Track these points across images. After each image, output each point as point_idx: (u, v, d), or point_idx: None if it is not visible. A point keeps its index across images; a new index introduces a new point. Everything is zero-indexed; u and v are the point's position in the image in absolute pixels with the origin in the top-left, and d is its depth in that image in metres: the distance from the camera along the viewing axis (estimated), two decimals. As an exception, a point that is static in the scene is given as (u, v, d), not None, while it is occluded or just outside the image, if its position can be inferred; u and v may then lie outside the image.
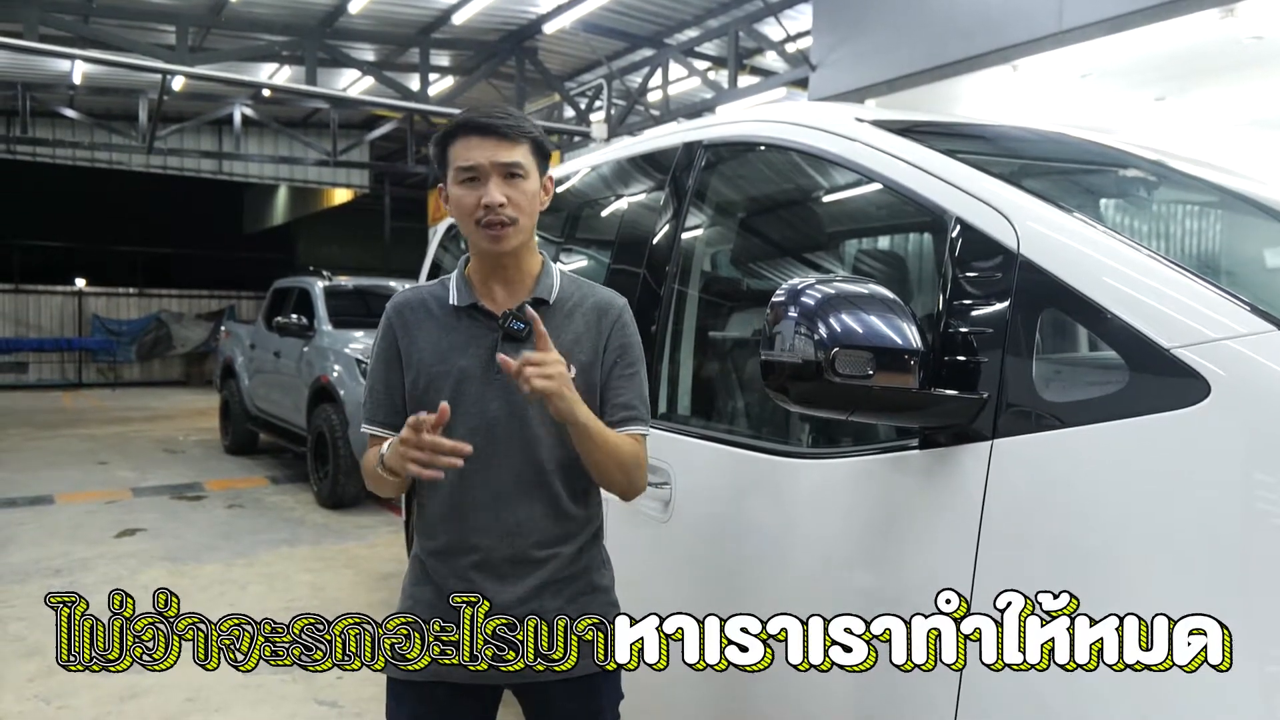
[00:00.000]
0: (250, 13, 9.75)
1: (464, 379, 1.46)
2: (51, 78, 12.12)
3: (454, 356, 1.48)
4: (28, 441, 9.35)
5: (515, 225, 1.44)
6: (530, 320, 1.39)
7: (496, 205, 1.41)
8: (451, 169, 1.45)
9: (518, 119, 1.46)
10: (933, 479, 1.34)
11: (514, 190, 1.43)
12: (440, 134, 1.48)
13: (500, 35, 10.46)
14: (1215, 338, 1.08)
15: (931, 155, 1.54)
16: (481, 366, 1.46)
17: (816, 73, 7.56)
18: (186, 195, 18.90)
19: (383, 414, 1.53)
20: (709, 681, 1.83)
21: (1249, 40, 5.55)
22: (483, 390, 1.46)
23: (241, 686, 3.33)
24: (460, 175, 1.44)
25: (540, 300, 1.49)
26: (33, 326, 16.31)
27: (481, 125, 1.43)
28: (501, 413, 1.45)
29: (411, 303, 1.55)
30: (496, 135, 1.42)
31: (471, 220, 1.44)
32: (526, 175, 1.45)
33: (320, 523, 5.99)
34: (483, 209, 1.42)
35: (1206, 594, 1.03)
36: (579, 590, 1.51)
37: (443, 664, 1.45)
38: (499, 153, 1.42)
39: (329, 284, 7.65)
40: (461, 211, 1.45)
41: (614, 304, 1.55)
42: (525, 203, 1.45)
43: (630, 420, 1.50)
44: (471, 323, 1.49)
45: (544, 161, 1.50)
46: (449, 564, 1.48)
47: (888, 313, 1.27)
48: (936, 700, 1.29)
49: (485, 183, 1.42)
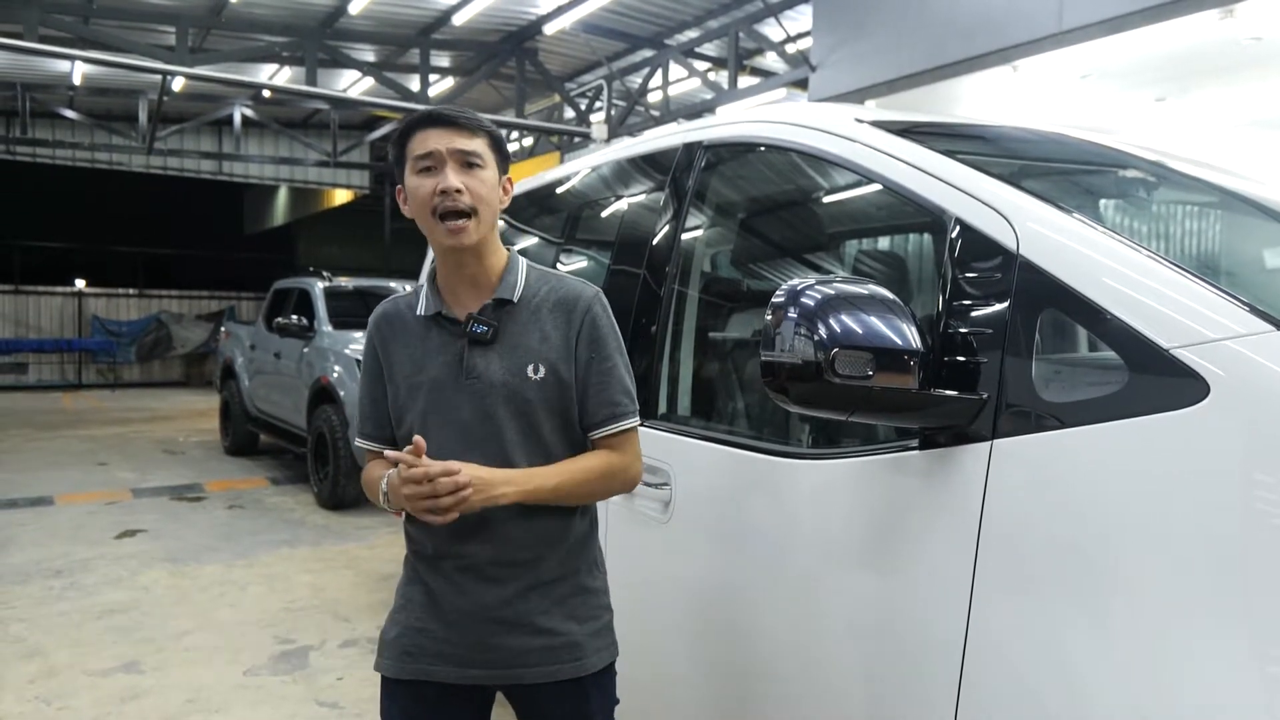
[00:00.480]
0: (250, 13, 9.75)
1: (436, 388, 1.46)
2: (51, 78, 12.12)
3: (427, 366, 1.48)
4: (28, 442, 9.35)
5: (475, 217, 1.42)
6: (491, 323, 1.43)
7: (454, 190, 1.39)
8: (409, 161, 1.44)
9: (474, 115, 1.46)
10: (933, 479, 1.34)
11: (472, 179, 1.42)
12: (398, 130, 1.47)
13: (500, 36, 10.46)
14: (1214, 338, 1.08)
15: (931, 156, 1.54)
16: (451, 374, 1.46)
17: (816, 73, 7.57)
18: (186, 196, 18.92)
19: (370, 426, 1.56)
20: (709, 682, 1.83)
21: (1248, 41, 5.56)
22: (454, 397, 1.45)
23: (241, 687, 3.33)
24: (417, 165, 1.43)
25: (503, 300, 1.48)
26: (32, 327, 16.31)
27: (438, 117, 1.43)
28: (474, 418, 1.45)
29: (389, 315, 1.55)
30: (454, 126, 1.42)
31: (428, 210, 1.42)
32: (484, 165, 1.44)
33: (320, 524, 5.99)
34: (439, 195, 1.40)
35: (1206, 594, 1.03)
36: (567, 592, 1.50)
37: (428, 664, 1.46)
38: (456, 140, 1.42)
39: (329, 285, 7.65)
40: (418, 201, 1.43)
41: (582, 295, 1.50)
42: (484, 192, 1.43)
43: (614, 417, 1.48)
44: (439, 331, 1.49)
45: (503, 160, 1.50)
46: (436, 566, 1.49)
47: (887, 313, 1.27)
48: (936, 701, 1.29)
49: (441, 169, 1.41)
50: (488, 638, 1.45)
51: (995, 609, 1.23)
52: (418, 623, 1.48)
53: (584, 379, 1.48)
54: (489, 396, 1.44)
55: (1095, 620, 1.12)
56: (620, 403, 1.49)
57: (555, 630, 1.47)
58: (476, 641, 1.45)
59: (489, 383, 1.44)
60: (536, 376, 1.44)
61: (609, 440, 1.50)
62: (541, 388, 1.45)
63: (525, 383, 1.44)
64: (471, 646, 1.45)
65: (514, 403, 1.44)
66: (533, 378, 1.44)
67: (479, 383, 1.44)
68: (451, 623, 1.46)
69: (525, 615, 1.45)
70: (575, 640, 1.48)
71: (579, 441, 1.51)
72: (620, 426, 1.49)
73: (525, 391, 1.44)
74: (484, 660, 1.46)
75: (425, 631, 1.47)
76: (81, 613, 4.10)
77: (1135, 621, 1.08)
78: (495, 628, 1.45)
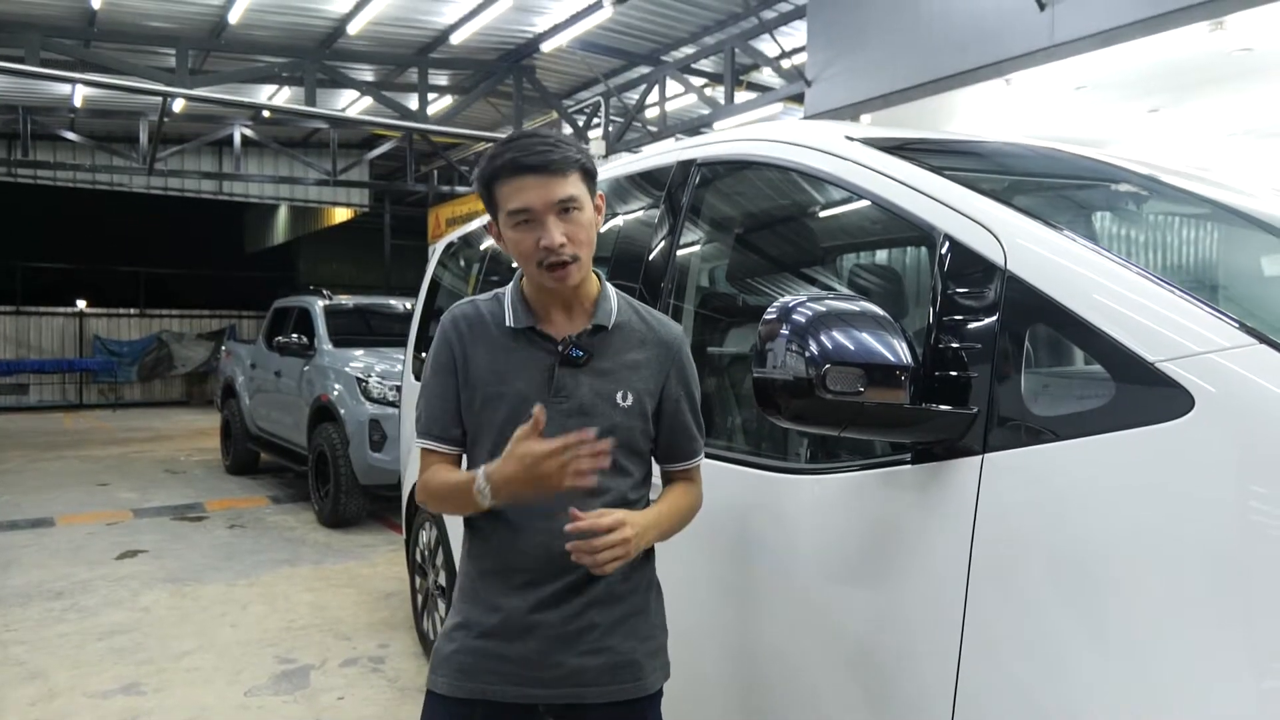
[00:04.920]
0: (250, 35, 9.83)
1: (520, 402, 1.42)
2: (52, 101, 12.20)
3: (511, 379, 1.45)
4: (29, 463, 9.35)
5: (578, 262, 1.41)
6: (588, 348, 1.44)
7: (558, 247, 1.37)
8: (502, 213, 1.41)
9: (562, 148, 1.39)
10: (926, 493, 1.36)
11: (572, 225, 1.39)
12: (484, 174, 1.43)
13: (498, 54, 10.54)
14: (1198, 351, 1.09)
15: (920, 173, 1.56)
16: (538, 391, 1.43)
17: (812, 88, 7.62)
18: (187, 216, 18.98)
19: (439, 427, 1.50)
20: (707, 694, 1.84)
21: (1238, 52, 5.61)
22: None
23: (242, 708, 3.33)
24: (513, 219, 1.40)
25: (600, 326, 1.47)
26: (34, 348, 16.33)
27: (527, 166, 1.37)
28: (556, 437, 1.41)
29: (470, 316, 1.51)
30: (545, 172, 1.37)
31: (533, 263, 1.41)
32: (581, 207, 1.41)
33: (322, 542, 5.99)
34: (543, 251, 1.38)
35: (1193, 605, 1.04)
36: (628, 611, 1.48)
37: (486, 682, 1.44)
38: (550, 190, 1.37)
39: (329, 303, 7.67)
40: (522, 254, 1.42)
41: (678, 335, 1.56)
42: (585, 236, 1.41)
43: (694, 453, 1.58)
44: (529, 345, 1.47)
45: (593, 183, 1.46)
46: (498, 583, 1.46)
47: (878, 329, 1.28)
48: (932, 713, 1.30)
49: (542, 223, 1.38)
50: (549, 655, 1.42)
51: (989, 619, 1.24)
52: (476, 640, 1.45)
53: (673, 414, 1.53)
54: (575, 418, 1.42)
55: (1088, 629, 1.13)
56: (699, 439, 1.58)
57: (616, 649, 1.45)
58: (538, 659, 1.42)
59: (577, 404, 1.43)
60: (625, 404, 1.45)
61: (689, 473, 1.59)
62: (627, 415, 1.46)
63: (613, 408, 1.45)
64: (532, 665, 1.42)
65: (600, 426, 1.40)
66: (621, 404, 1.45)
67: (567, 402, 1.43)
68: (512, 640, 1.43)
69: (587, 633, 1.43)
70: (635, 659, 1.47)
71: (638, 469, 1.51)
72: (699, 461, 1.59)
73: (613, 416, 1.44)
74: (543, 679, 1.43)
75: (484, 650, 1.44)
76: (82, 634, 4.10)
77: (1128, 631, 1.09)
78: (557, 645, 1.42)
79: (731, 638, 1.78)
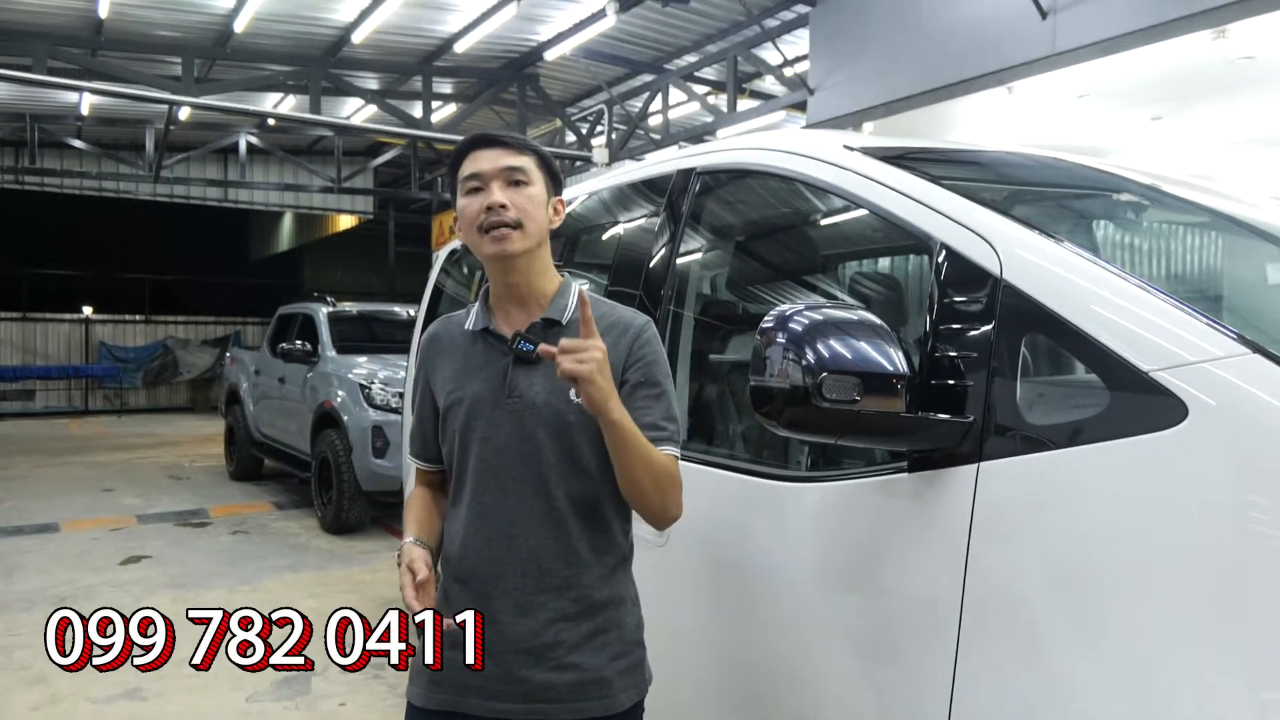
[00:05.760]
0: (255, 44, 9.88)
1: (476, 404, 1.44)
2: (59, 109, 12.27)
3: (468, 382, 1.47)
4: (35, 469, 9.38)
5: (520, 230, 1.41)
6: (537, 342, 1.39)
7: (498, 205, 1.40)
8: (459, 184, 1.46)
9: (522, 137, 1.49)
10: (922, 501, 1.36)
11: (518, 195, 1.42)
12: (452, 157, 1.49)
13: (502, 63, 10.58)
14: (1192, 360, 1.10)
15: (918, 182, 1.57)
16: (492, 392, 1.44)
17: (814, 96, 7.64)
18: (192, 223, 19.05)
19: (416, 445, 1.60)
20: (703, 702, 1.84)
21: (1241, 60, 5.61)
22: (493, 414, 1.44)
23: (243, 714, 3.33)
24: (466, 186, 1.44)
25: (552, 321, 1.47)
26: (40, 354, 16.39)
27: (486, 138, 1.46)
28: (513, 439, 1.43)
29: (435, 331, 1.57)
30: (500, 145, 1.45)
31: (475, 228, 1.42)
32: (531, 182, 1.44)
33: (324, 548, 5.99)
34: (484, 211, 1.41)
35: (1188, 614, 1.04)
36: (597, 628, 1.45)
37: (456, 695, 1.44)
38: (502, 159, 1.43)
39: (333, 309, 7.69)
40: (466, 220, 1.44)
41: (634, 322, 1.49)
42: (530, 208, 1.42)
43: (658, 441, 1.41)
44: (486, 347, 1.48)
45: (553, 181, 1.49)
46: (468, 590, 1.46)
47: (874, 338, 1.29)
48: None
49: (488, 189, 1.42)
50: (515, 670, 1.41)
51: (984, 628, 1.25)
52: (448, 651, 1.43)
53: (628, 403, 1.39)
54: (529, 416, 1.42)
55: (1083, 637, 1.13)
56: (664, 428, 1.43)
57: (583, 666, 1.42)
58: (505, 673, 1.42)
59: (529, 402, 1.42)
60: (579, 399, 1.35)
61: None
62: (583, 411, 1.37)
63: (567, 405, 1.41)
64: (500, 679, 1.42)
65: (554, 424, 1.42)
66: (575, 400, 1.37)
67: (519, 402, 1.43)
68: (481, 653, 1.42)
69: (553, 649, 1.42)
70: (604, 677, 1.44)
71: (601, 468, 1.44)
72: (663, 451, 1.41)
73: (566, 414, 1.41)
74: (510, 694, 1.42)
75: (455, 662, 1.42)
76: (85, 640, 4.11)
77: (1123, 639, 1.09)
78: (523, 660, 1.41)
79: (727, 645, 1.78)
